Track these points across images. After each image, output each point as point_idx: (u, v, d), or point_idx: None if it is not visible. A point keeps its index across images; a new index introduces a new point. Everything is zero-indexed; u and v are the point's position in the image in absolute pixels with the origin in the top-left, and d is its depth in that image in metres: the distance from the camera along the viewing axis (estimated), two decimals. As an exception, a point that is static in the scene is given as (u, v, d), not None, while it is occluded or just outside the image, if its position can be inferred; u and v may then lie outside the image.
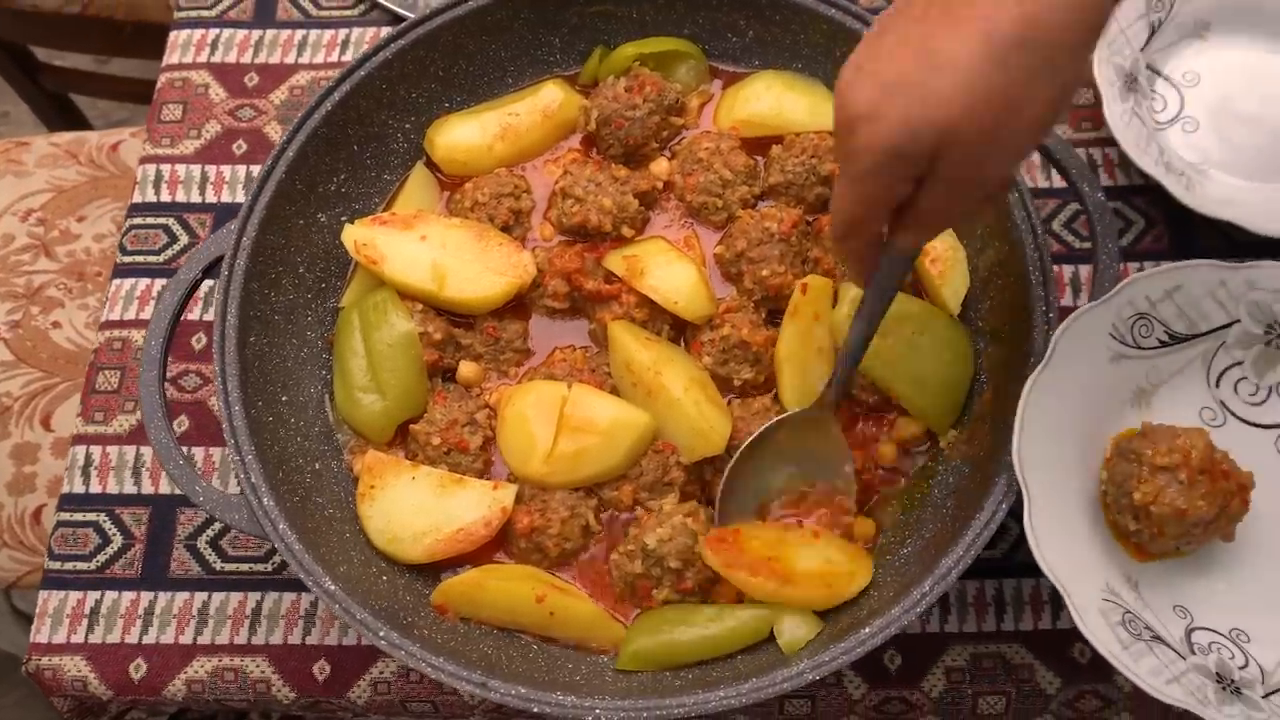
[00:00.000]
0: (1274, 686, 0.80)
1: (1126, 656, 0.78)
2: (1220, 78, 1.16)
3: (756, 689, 0.79)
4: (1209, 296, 0.91)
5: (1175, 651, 0.80)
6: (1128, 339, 0.90)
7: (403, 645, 0.82)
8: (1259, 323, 0.91)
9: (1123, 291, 0.88)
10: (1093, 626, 0.78)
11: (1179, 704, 0.75)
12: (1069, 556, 0.81)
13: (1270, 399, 0.92)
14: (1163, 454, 0.83)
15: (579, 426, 0.91)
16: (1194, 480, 0.82)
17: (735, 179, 1.01)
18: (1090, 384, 0.88)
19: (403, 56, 1.01)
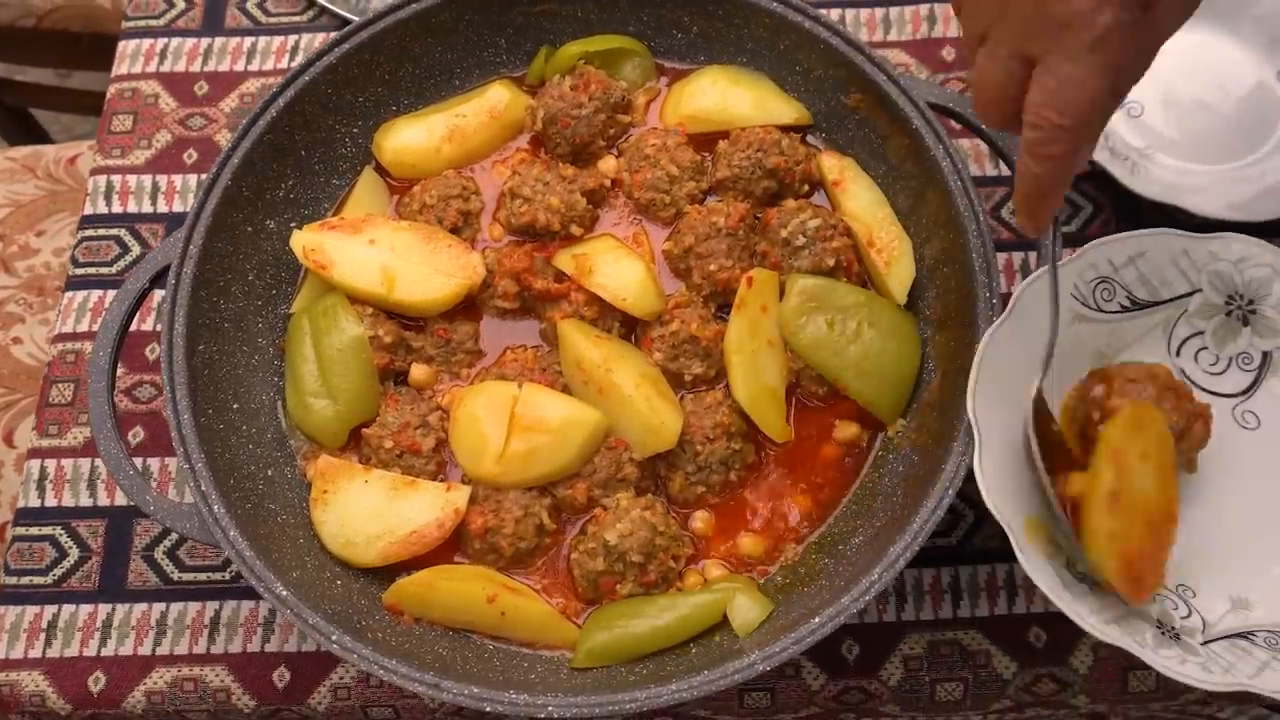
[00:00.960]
0: (1213, 636, 0.81)
1: (1067, 595, 0.78)
2: (1166, 62, 1.14)
3: (708, 681, 0.80)
4: (1172, 264, 0.91)
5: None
6: (1090, 301, 0.90)
7: (355, 649, 0.82)
8: (1220, 293, 0.92)
9: (1086, 254, 0.89)
10: (1035, 564, 0.78)
11: (1116, 643, 0.76)
12: (1016, 500, 0.82)
13: (1230, 369, 0.93)
14: (1130, 372, 0.86)
15: (530, 426, 0.91)
16: (1162, 394, 0.84)
17: (682, 175, 1.01)
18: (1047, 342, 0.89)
19: (347, 60, 1.01)
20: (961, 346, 0.90)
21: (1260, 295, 0.91)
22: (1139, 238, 0.90)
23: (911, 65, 1.19)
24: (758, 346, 0.95)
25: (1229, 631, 0.81)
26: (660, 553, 0.89)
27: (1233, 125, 1.14)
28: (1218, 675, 0.76)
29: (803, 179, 1.02)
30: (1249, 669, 0.77)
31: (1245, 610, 0.83)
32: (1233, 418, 0.92)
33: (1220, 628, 0.82)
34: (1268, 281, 0.90)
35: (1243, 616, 0.83)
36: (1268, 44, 1.16)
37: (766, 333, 0.95)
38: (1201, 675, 0.76)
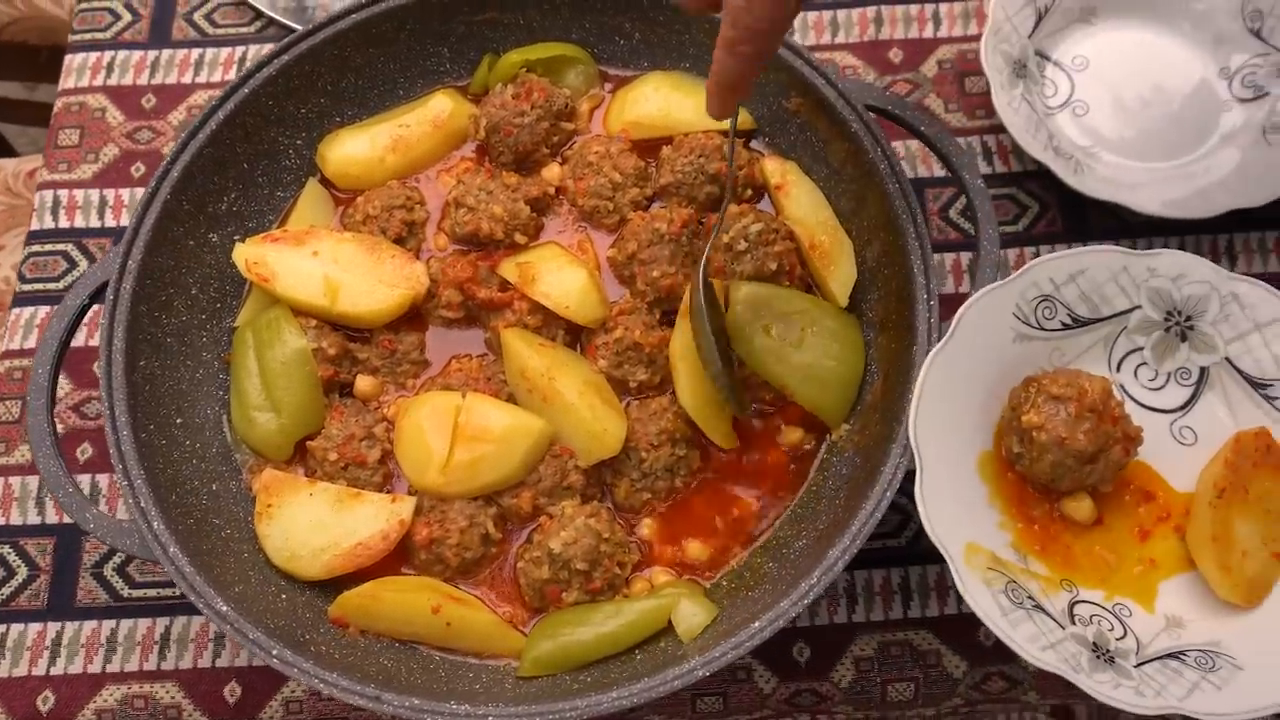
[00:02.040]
0: (1147, 657, 0.81)
1: (1005, 622, 0.79)
2: (1109, 61, 1.18)
3: (648, 688, 0.80)
4: (1112, 281, 0.92)
5: (1055, 621, 0.82)
6: (1031, 320, 0.91)
7: (297, 663, 0.82)
8: (1159, 309, 0.92)
9: (1027, 273, 0.90)
10: (973, 590, 0.79)
11: (1052, 669, 0.77)
12: (957, 525, 0.83)
13: (1169, 385, 0.93)
14: (1060, 385, 0.85)
15: (474, 435, 0.91)
16: (1081, 415, 0.84)
17: (625, 181, 1.02)
18: (992, 363, 0.89)
19: (288, 72, 1.01)
20: (902, 348, 0.91)
21: (1198, 311, 0.91)
22: (1080, 255, 0.91)
23: (859, 67, 1.20)
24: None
25: (1162, 652, 0.82)
26: (605, 560, 0.89)
27: (1177, 123, 1.15)
28: (1150, 699, 0.77)
29: (746, 183, 1.02)
30: (1179, 691, 0.78)
31: (1179, 629, 0.84)
32: (1171, 434, 0.92)
33: (1154, 648, 0.82)
34: (1205, 298, 0.91)
35: (1176, 635, 0.83)
36: (1210, 42, 1.17)
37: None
38: (1134, 700, 0.77)
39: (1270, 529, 0.85)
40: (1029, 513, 0.87)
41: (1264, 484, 0.86)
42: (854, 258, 0.98)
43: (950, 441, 0.86)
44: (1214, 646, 0.82)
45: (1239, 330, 0.90)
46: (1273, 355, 0.90)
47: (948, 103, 1.18)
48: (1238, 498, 0.85)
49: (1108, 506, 0.88)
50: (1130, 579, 0.86)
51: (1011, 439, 0.88)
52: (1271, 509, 0.86)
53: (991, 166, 1.16)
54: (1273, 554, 0.85)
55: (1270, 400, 0.90)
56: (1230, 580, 0.84)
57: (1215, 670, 0.80)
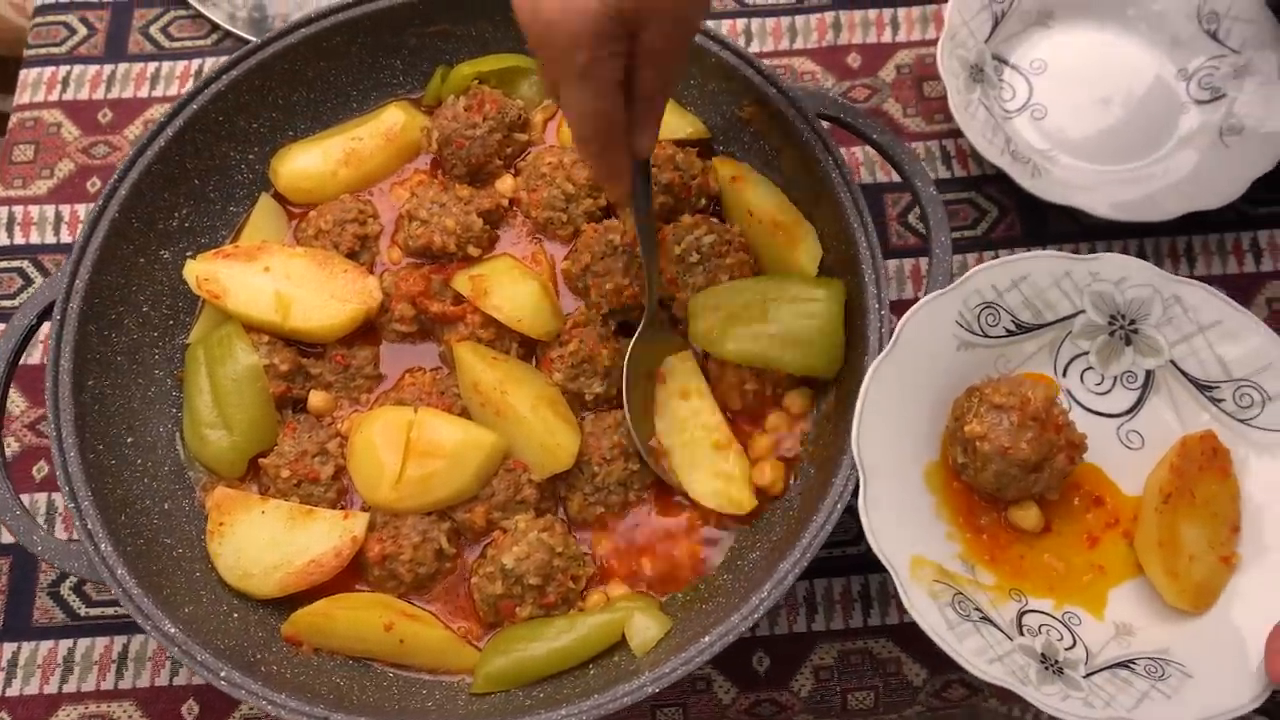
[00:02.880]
0: (1096, 667, 0.81)
1: (951, 636, 0.78)
2: (1067, 64, 1.17)
3: (597, 705, 0.80)
4: (1055, 287, 0.91)
5: (1003, 633, 0.81)
6: (975, 328, 0.90)
7: (244, 684, 0.81)
8: (1102, 313, 0.92)
9: (969, 280, 0.89)
10: (918, 605, 0.79)
11: (1000, 683, 0.76)
12: (903, 537, 0.82)
13: (1115, 389, 0.93)
14: (1002, 394, 0.85)
15: (426, 451, 0.91)
16: (1024, 424, 0.83)
17: (579, 192, 1.01)
18: (937, 372, 0.89)
19: (237, 87, 1.00)
20: (856, 358, 0.91)
21: (1141, 315, 0.91)
22: (1021, 261, 0.90)
23: (818, 72, 1.20)
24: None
25: (1111, 661, 0.82)
26: (559, 574, 0.89)
27: (1135, 125, 1.15)
28: (1099, 710, 0.77)
29: (699, 193, 1.02)
30: (1129, 700, 0.78)
31: (1128, 636, 0.84)
32: (1118, 438, 0.92)
33: (1103, 657, 0.82)
34: (1148, 301, 0.90)
35: (1125, 644, 0.83)
36: (1168, 44, 1.16)
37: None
38: (1084, 711, 0.76)
39: (1217, 533, 0.85)
40: (977, 522, 0.86)
41: (1210, 488, 0.86)
42: (817, 238, 0.97)
43: (895, 452, 0.86)
44: (1163, 654, 0.81)
45: (1183, 332, 0.90)
46: (1216, 357, 0.89)
47: (906, 107, 1.18)
48: (1184, 502, 0.85)
49: (1056, 513, 0.88)
50: (1080, 586, 0.85)
51: (956, 449, 0.87)
52: (1218, 513, 0.86)
53: (951, 171, 1.15)
54: (1220, 558, 0.84)
55: (1216, 402, 0.89)
56: (1178, 586, 0.83)
57: (1165, 678, 0.79)
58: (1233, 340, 0.88)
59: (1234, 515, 0.87)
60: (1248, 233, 1.12)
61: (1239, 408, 0.88)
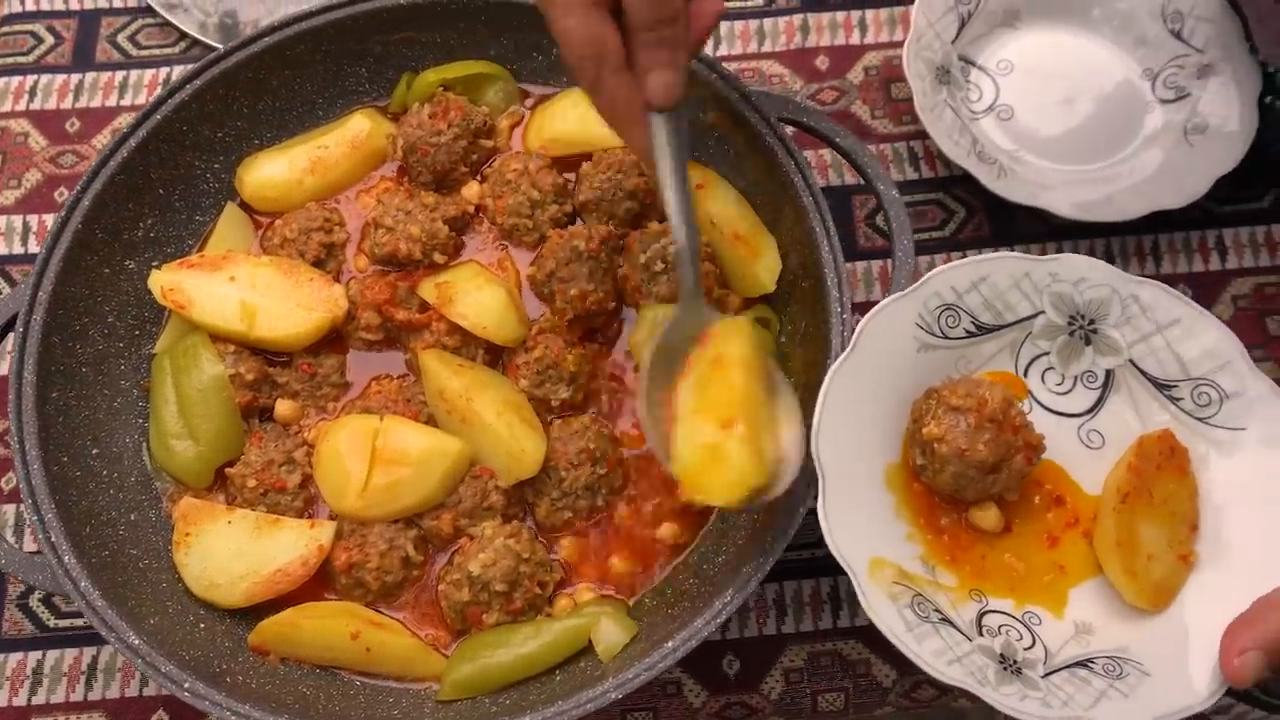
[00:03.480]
0: (1055, 666, 0.81)
1: (910, 638, 0.78)
2: (1033, 64, 1.18)
3: (561, 711, 0.80)
4: (1014, 288, 0.92)
5: (963, 634, 0.81)
6: (935, 329, 0.90)
7: (209, 695, 0.81)
8: (1062, 314, 0.92)
9: (929, 283, 0.89)
10: (877, 607, 0.78)
11: (958, 684, 0.76)
12: (863, 538, 0.82)
13: (1075, 389, 0.93)
14: (959, 396, 0.85)
15: (391, 459, 0.91)
16: (981, 425, 0.84)
17: (544, 199, 1.01)
18: (897, 374, 0.89)
19: (201, 97, 1.00)
20: (818, 362, 0.91)
21: (1100, 315, 0.91)
22: (980, 263, 0.90)
23: (786, 75, 1.20)
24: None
25: (1070, 660, 0.82)
26: (525, 580, 0.89)
27: (1102, 125, 1.15)
28: (1056, 710, 0.77)
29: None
30: (1087, 699, 0.78)
31: (1088, 635, 0.84)
32: (1079, 437, 0.92)
33: (1062, 656, 0.82)
34: (1106, 301, 0.91)
35: (1084, 643, 0.83)
36: (1133, 44, 1.17)
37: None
38: (1041, 711, 0.76)
39: (1175, 532, 0.86)
40: (937, 523, 0.87)
41: (1168, 487, 0.86)
42: (778, 250, 0.98)
43: (855, 454, 0.85)
44: (1122, 653, 0.82)
45: (1141, 332, 0.91)
46: (1175, 356, 0.90)
47: (874, 109, 1.18)
48: (1142, 501, 0.85)
49: (1017, 513, 0.88)
50: (1040, 586, 0.85)
51: (915, 451, 0.87)
52: (1176, 511, 0.86)
53: (919, 172, 1.16)
54: (1178, 557, 0.85)
55: (1175, 401, 0.90)
56: (1136, 585, 0.84)
57: (1123, 677, 0.80)
58: (1190, 339, 0.89)
59: (1192, 514, 0.87)
60: (1213, 231, 1.12)
61: (1197, 406, 0.89)
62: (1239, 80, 1.11)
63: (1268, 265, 1.11)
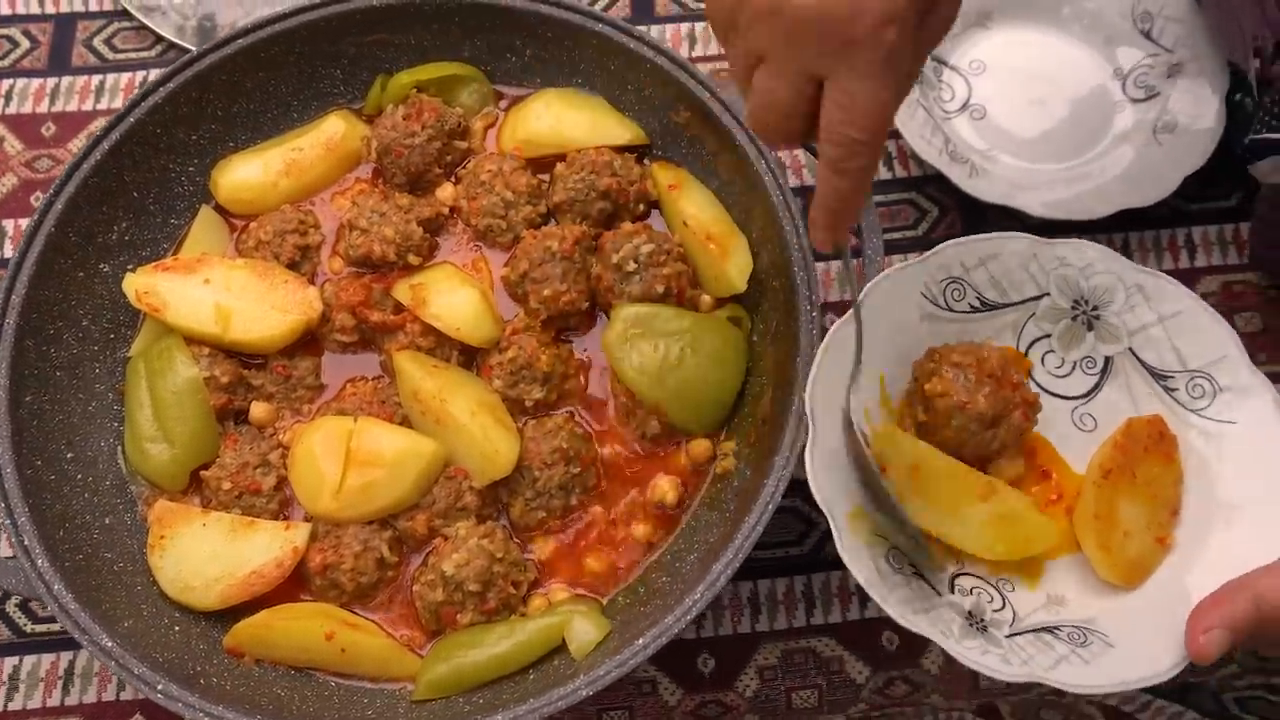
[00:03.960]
0: (1020, 629, 0.82)
1: (882, 585, 0.79)
2: (1006, 64, 1.19)
3: (533, 709, 0.80)
4: (1022, 268, 0.92)
5: (934, 589, 0.82)
6: (940, 300, 0.91)
7: (182, 697, 0.81)
8: (1066, 297, 0.93)
9: (938, 254, 0.90)
10: (851, 551, 0.79)
11: (922, 633, 0.77)
12: (844, 491, 0.83)
13: (1074, 373, 0.94)
14: (960, 353, 0.87)
15: (366, 460, 0.91)
16: (981, 380, 0.86)
17: (518, 200, 1.02)
18: (897, 338, 0.90)
19: (175, 100, 1.00)
20: (787, 360, 0.91)
21: (1104, 302, 0.92)
22: (991, 240, 0.91)
23: (760, 76, 1.20)
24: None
25: (1036, 625, 0.83)
26: (499, 580, 0.89)
27: (1073, 124, 1.16)
28: (1015, 666, 0.77)
29: (638, 199, 1.03)
30: (1047, 661, 0.79)
31: (1058, 606, 0.85)
32: (1073, 420, 0.93)
33: (1029, 621, 0.83)
34: (1111, 289, 0.91)
35: (1054, 612, 0.84)
36: (1103, 44, 1.18)
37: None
38: (999, 666, 0.77)
39: (1155, 514, 0.86)
40: None
41: (1153, 469, 0.87)
42: (749, 250, 0.98)
43: (847, 411, 0.87)
44: (1089, 624, 0.82)
45: (1143, 322, 0.91)
46: (1174, 347, 0.90)
47: (848, 110, 1.19)
48: (1124, 480, 0.86)
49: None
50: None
51: (918, 409, 0.89)
52: (1158, 495, 0.87)
53: (892, 172, 1.17)
54: (1156, 538, 0.86)
55: (1170, 392, 0.91)
56: (1110, 559, 0.84)
57: (1086, 645, 0.80)
58: (1190, 332, 0.89)
59: (1174, 499, 0.88)
60: (1183, 229, 1.13)
61: (1191, 398, 0.89)
62: (1208, 79, 1.12)
63: (1235, 263, 1.12)
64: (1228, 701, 1.00)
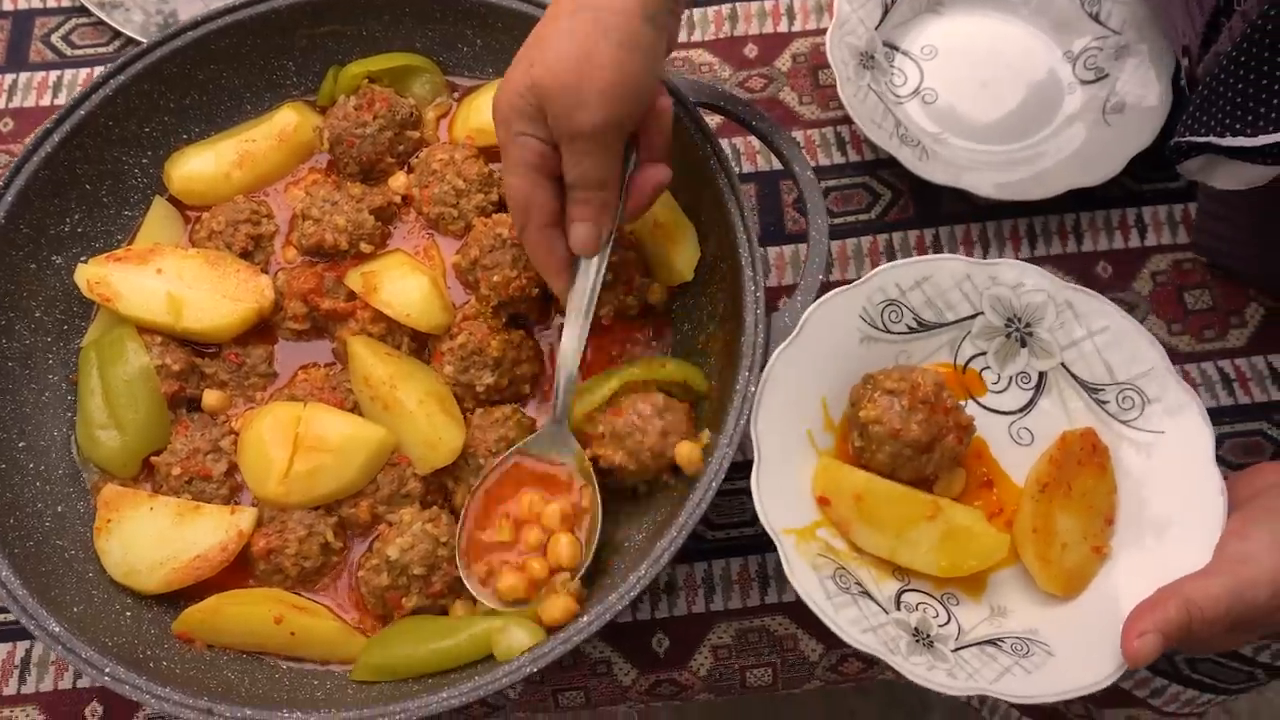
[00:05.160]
0: (965, 643, 0.83)
1: (829, 605, 0.81)
2: (957, 49, 1.20)
3: (477, 686, 0.81)
4: (956, 288, 0.94)
5: (880, 607, 0.83)
6: (878, 323, 0.93)
7: (129, 679, 0.82)
8: (1000, 315, 0.95)
9: (874, 279, 0.93)
10: (799, 574, 0.81)
11: (871, 651, 0.78)
12: (791, 513, 0.85)
13: (1010, 388, 0.96)
14: (893, 380, 0.88)
15: (312, 446, 0.92)
16: (914, 407, 0.87)
17: (469, 188, 1.02)
18: (839, 361, 0.92)
19: (126, 92, 1.01)
20: (734, 340, 0.92)
21: (1036, 319, 0.94)
22: (925, 262, 0.93)
23: (715, 64, 1.21)
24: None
25: (981, 639, 0.84)
26: (444, 564, 0.90)
27: (1024, 106, 1.17)
28: (962, 681, 0.79)
29: (589, 187, 1.03)
30: (991, 674, 0.80)
31: (1001, 618, 0.86)
32: (1010, 434, 0.94)
33: (974, 635, 0.84)
34: (1042, 306, 0.93)
35: (998, 624, 0.85)
36: (1053, 28, 1.19)
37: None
38: (946, 681, 0.78)
39: (1091, 524, 0.88)
40: None
41: (1087, 481, 0.89)
42: (697, 239, 0.99)
43: (793, 433, 0.89)
44: (1031, 634, 0.84)
45: (1073, 337, 0.93)
46: (1104, 361, 0.92)
47: (802, 95, 1.20)
48: (1060, 493, 0.88)
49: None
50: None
51: (854, 434, 0.91)
52: (1093, 505, 0.88)
53: (845, 156, 1.17)
54: (1092, 548, 0.87)
55: (1101, 404, 0.92)
56: (1049, 571, 0.86)
57: (1029, 656, 0.82)
58: (1118, 346, 0.92)
59: (1109, 509, 0.89)
60: (1133, 209, 1.14)
61: (1121, 409, 0.91)
62: (1154, 60, 1.13)
63: (1185, 242, 1.13)
64: (1179, 663, 1.01)
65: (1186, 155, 0.89)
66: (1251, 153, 0.82)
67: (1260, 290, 1.09)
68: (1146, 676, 1.08)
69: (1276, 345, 1.09)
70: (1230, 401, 1.07)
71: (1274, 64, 0.78)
